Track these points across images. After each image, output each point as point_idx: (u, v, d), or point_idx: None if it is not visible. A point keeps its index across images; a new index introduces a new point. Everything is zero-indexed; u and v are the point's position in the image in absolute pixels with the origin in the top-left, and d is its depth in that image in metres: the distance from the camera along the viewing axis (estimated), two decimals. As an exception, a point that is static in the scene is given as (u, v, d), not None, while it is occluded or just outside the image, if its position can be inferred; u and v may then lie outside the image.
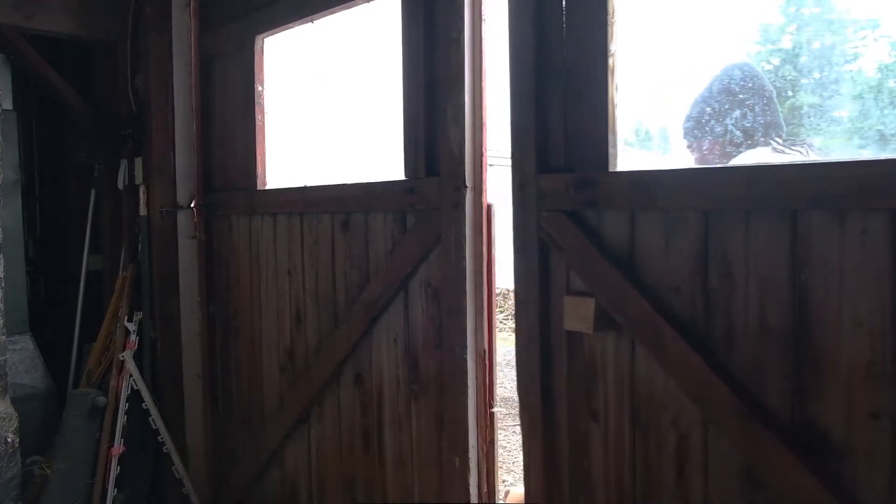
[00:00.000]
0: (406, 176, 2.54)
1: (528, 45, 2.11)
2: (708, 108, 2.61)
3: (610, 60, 1.96)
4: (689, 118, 3.10)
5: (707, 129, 2.60)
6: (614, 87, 1.97)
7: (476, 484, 2.39)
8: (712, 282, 1.76)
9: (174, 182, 3.58)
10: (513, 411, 6.43)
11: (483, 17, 2.33)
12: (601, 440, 2.02)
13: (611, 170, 1.97)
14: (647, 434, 1.91)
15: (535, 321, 2.13)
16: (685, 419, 1.82)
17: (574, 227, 2.01)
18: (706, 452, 1.79)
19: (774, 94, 2.58)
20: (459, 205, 2.34)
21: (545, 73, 2.10)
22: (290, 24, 3.04)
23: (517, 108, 2.16)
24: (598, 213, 1.98)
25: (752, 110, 2.49)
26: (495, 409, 2.42)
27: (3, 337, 3.19)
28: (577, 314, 1.99)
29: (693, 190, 1.78)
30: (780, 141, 2.49)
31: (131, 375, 3.50)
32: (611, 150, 1.97)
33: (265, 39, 3.24)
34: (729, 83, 2.54)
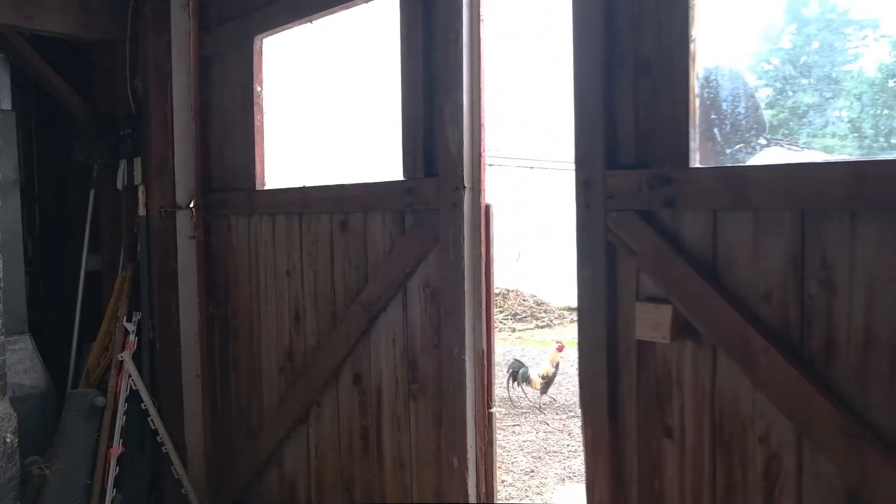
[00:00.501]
0: (404, 176, 2.54)
1: (596, 31, 1.96)
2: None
3: (691, 46, 1.80)
4: None
5: None
6: (695, 75, 1.82)
7: (474, 484, 2.39)
8: (810, 288, 1.61)
9: (173, 182, 3.58)
10: (512, 411, 6.43)
11: (481, 18, 2.33)
12: (676, 459, 1.87)
13: (692, 166, 1.82)
14: (731, 453, 1.76)
15: (602, 329, 1.99)
16: (776, 437, 1.68)
17: (648, 228, 1.87)
18: (801, 474, 1.64)
19: (757, 95, 2.57)
20: (458, 205, 2.34)
21: (614, 61, 1.94)
22: (289, 25, 3.04)
23: (582, 100, 2.01)
24: (675, 213, 1.83)
25: (734, 111, 2.48)
26: (494, 410, 2.42)
27: (3, 337, 3.19)
28: (651, 322, 1.85)
29: (789, 187, 1.62)
30: (783, 140, 2.48)
31: (130, 375, 3.50)
32: (692, 145, 1.82)
33: (264, 40, 3.24)
34: (709, 85, 2.52)
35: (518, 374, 6.64)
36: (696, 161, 1.83)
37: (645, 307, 1.88)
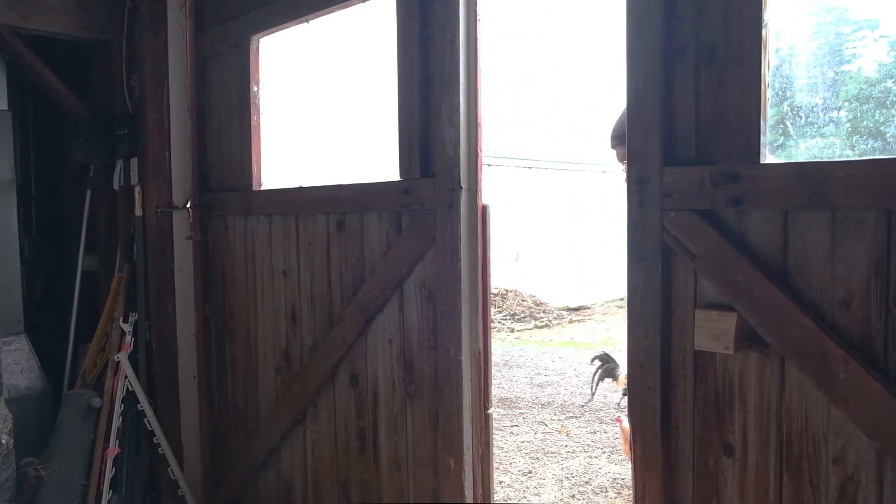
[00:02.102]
0: (401, 177, 2.53)
1: (654, 14, 1.85)
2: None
3: (763, 32, 1.69)
4: (616, 127, 3.06)
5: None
6: (767, 63, 1.71)
7: (471, 485, 2.38)
8: None
9: (170, 182, 3.57)
10: (510, 412, 6.43)
11: (478, 17, 2.32)
12: (737, 478, 1.77)
13: (762, 161, 1.70)
14: (800, 474, 1.66)
15: (655, 337, 1.88)
16: (854, 457, 1.57)
17: (710, 229, 1.76)
18: (881, 499, 1.53)
19: None
20: (454, 206, 2.33)
21: (673, 47, 1.84)
22: (286, 24, 3.03)
23: (636, 91, 1.90)
24: (740, 213, 1.73)
25: None
26: (491, 411, 2.41)
27: (-2, 338, 3.19)
28: (712, 331, 1.74)
29: (875, 184, 1.51)
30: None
31: (126, 376, 3.49)
32: (762, 139, 1.71)
33: (260, 39, 3.23)
34: None
35: (604, 367, 6.61)
36: (766, 156, 1.72)
37: (706, 315, 1.76)
